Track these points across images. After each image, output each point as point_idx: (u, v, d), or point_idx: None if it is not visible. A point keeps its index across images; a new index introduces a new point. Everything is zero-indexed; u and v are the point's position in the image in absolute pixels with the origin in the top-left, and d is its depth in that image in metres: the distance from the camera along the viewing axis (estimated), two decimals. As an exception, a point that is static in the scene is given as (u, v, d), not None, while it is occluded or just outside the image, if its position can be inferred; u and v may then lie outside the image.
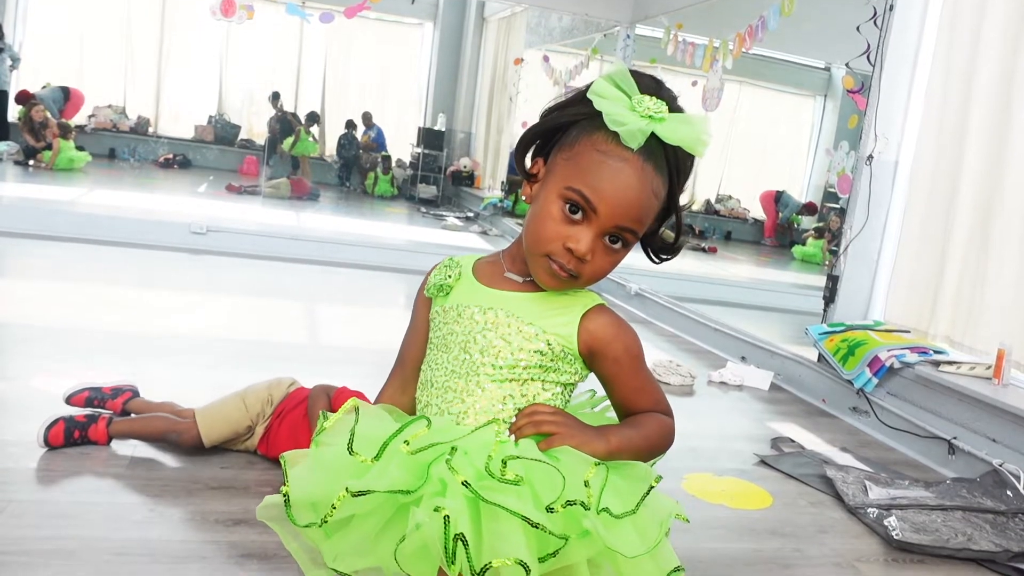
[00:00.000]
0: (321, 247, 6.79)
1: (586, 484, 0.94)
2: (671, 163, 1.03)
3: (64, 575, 1.81)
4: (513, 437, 1.03)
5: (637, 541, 0.96)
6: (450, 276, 1.13)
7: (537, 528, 0.90)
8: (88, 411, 2.58)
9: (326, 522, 0.96)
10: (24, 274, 5.00)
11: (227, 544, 2.05)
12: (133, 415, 2.70)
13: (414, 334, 1.18)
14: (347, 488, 0.94)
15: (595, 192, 1.00)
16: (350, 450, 0.98)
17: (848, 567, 2.40)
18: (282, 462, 1.04)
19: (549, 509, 0.91)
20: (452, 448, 0.96)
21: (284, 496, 1.00)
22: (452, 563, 0.90)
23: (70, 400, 2.71)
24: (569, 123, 1.04)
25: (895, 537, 2.55)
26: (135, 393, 2.78)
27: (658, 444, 1.09)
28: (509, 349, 1.05)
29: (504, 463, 0.93)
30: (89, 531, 2.03)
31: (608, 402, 1.14)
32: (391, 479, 0.95)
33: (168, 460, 2.48)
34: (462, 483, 0.92)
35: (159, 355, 3.52)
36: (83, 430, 2.47)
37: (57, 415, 2.48)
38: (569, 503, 0.92)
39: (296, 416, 2.54)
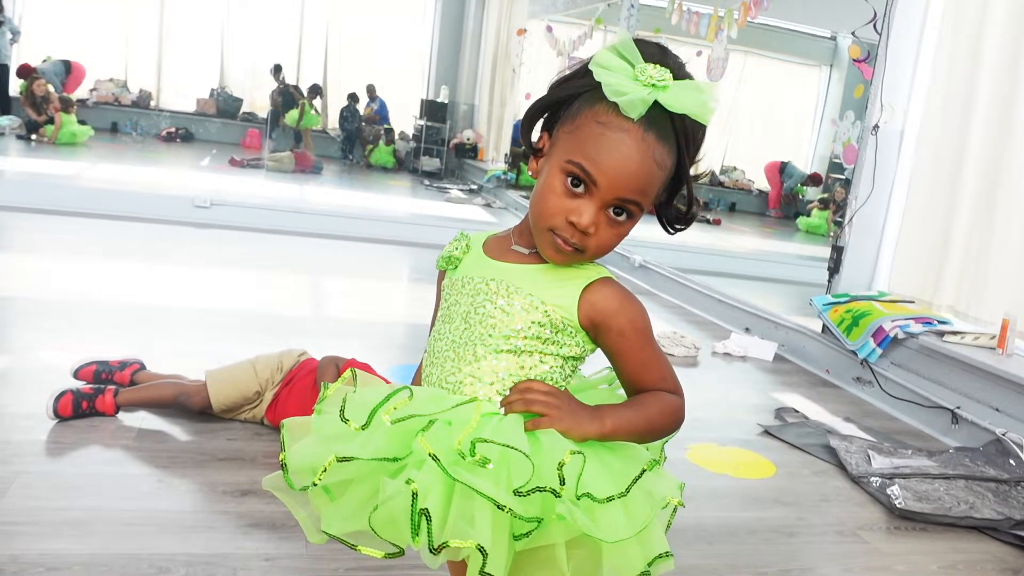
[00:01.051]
0: (325, 220, 6.79)
1: (559, 470, 0.93)
2: (679, 132, 1.01)
3: (75, 545, 1.83)
4: (503, 411, 1.02)
5: (624, 524, 0.96)
6: (458, 248, 1.13)
7: (503, 511, 0.91)
8: (96, 384, 2.60)
9: (315, 485, 0.98)
10: (29, 248, 5.01)
11: (235, 514, 2.07)
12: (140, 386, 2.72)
13: (436, 308, 1.19)
14: (335, 454, 0.96)
15: (595, 164, 0.99)
16: (342, 417, 0.99)
17: (851, 535, 2.42)
18: (281, 428, 1.06)
19: (517, 493, 0.92)
20: (430, 421, 0.97)
21: (282, 462, 1.02)
22: (416, 536, 0.92)
23: (78, 374, 2.73)
24: (572, 96, 1.03)
25: (898, 506, 2.57)
26: (142, 366, 2.80)
27: (662, 424, 1.07)
28: (507, 320, 1.05)
29: (473, 444, 0.93)
30: (99, 502, 2.05)
31: (602, 373, 1.13)
32: (374, 447, 0.96)
33: (176, 432, 2.50)
34: (431, 456, 0.93)
35: (165, 328, 3.53)
36: (91, 401, 2.50)
37: (65, 387, 2.50)
38: (538, 489, 0.92)
39: (305, 385, 2.56)
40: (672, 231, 1.11)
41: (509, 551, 0.94)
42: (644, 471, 0.99)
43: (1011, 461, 2.97)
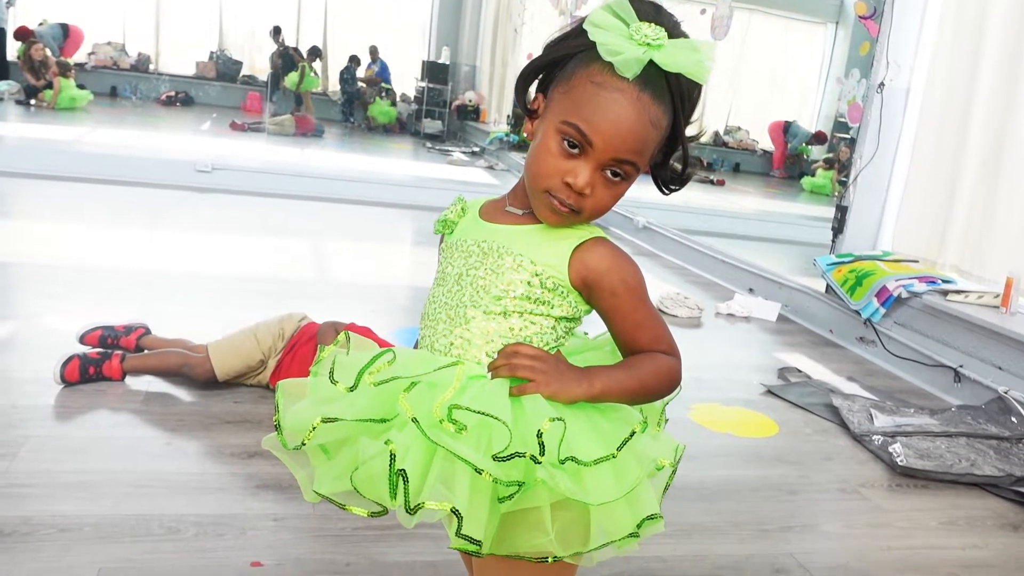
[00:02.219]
0: (327, 184, 6.77)
1: (539, 436, 0.93)
2: (674, 91, 1.00)
3: (86, 507, 1.86)
4: (490, 375, 1.01)
5: (612, 486, 0.96)
6: (453, 212, 1.13)
7: (481, 474, 0.92)
8: (102, 349, 2.61)
9: (304, 445, 1.00)
10: (31, 214, 5.00)
11: (243, 476, 2.10)
12: (147, 351, 2.74)
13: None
14: (321, 415, 0.98)
15: (590, 125, 0.98)
16: (331, 379, 1.01)
17: (853, 492, 2.44)
18: (276, 390, 1.07)
19: (496, 458, 0.92)
20: (412, 382, 0.97)
21: (276, 422, 1.04)
22: (394, 496, 0.93)
23: (83, 339, 2.74)
24: (567, 56, 1.02)
25: (899, 463, 2.59)
26: (147, 330, 2.81)
27: (655, 386, 1.05)
28: (497, 281, 1.05)
29: (450, 410, 0.93)
30: (108, 464, 2.07)
31: (607, 334, 1.12)
32: (358, 408, 0.98)
33: (183, 395, 2.52)
34: (412, 419, 0.94)
35: (169, 293, 3.54)
36: (98, 367, 2.51)
37: (72, 352, 2.52)
38: (517, 455, 0.92)
39: (307, 351, 2.57)
40: (667, 191, 1.10)
41: (492, 514, 0.94)
42: (634, 433, 0.99)
43: (1013, 419, 2.98)
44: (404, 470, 0.92)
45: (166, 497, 1.95)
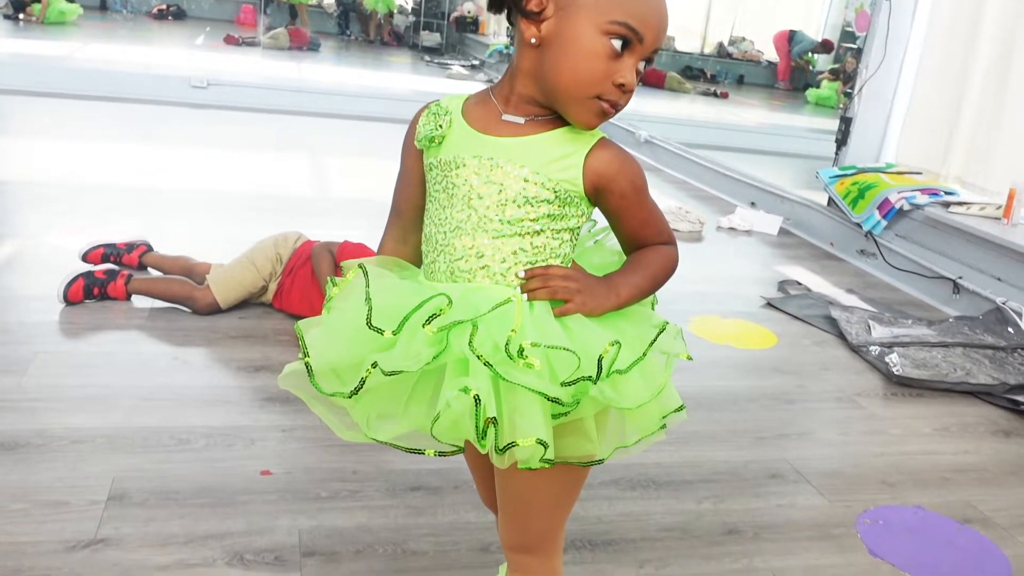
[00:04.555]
0: (324, 99, 6.67)
1: (599, 361, 0.95)
2: None
3: (97, 420, 1.90)
4: (526, 297, 1.01)
5: (643, 387, 0.99)
6: (440, 126, 1.06)
7: (554, 402, 0.94)
8: (106, 267, 2.62)
9: (356, 393, 0.97)
10: (25, 132, 4.95)
11: (250, 389, 2.14)
12: (151, 271, 2.75)
13: (406, 183, 1.13)
14: (378, 365, 0.94)
15: (642, 21, 0.95)
16: (370, 325, 0.96)
17: (848, 401, 2.49)
18: (298, 332, 1.03)
19: (564, 384, 0.94)
20: (474, 325, 0.95)
21: (306, 366, 1.00)
22: (482, 440, 0.93)
23: (86, 257, 2.75)
24: None
25: (895, 373, 2.63)
26: (149, 247, 2.82)
27: (664, 279, 1.09)
28: (516, 202, 1.01)
29: (522, 349, 0.93)
30: (116, 379, 2.11)
31: (609, 232, 1.12)
32: (420, 357, 0.95)
33: (188, 312, 2.54)
34: (484, 363, 0.93)
35: (169, 210, 3.53)
36: (102, 287, 2.52)
37: (76, 272, 2.52)
38: (582, 379, 0.94)
39: (305, 273, 2.56)
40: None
41: (551, 433, 0.97)
42: (659, 333, 1.02)
43: (1009, 329, 3.02)
44: (494, 417, 0.92)
45: (175, 409, 1.99)
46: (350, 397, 0.98)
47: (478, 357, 0.93)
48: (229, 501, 1.66)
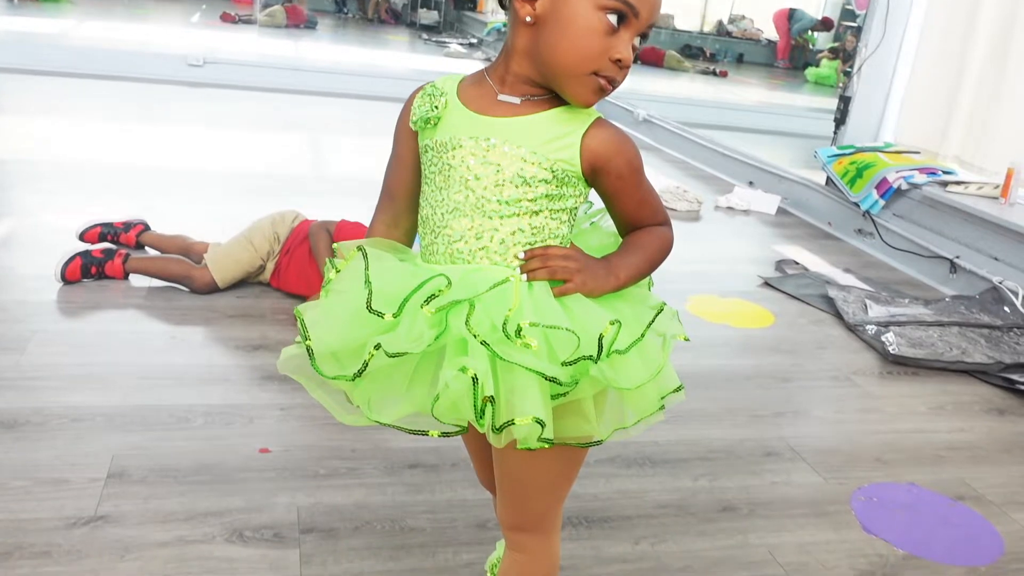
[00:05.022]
0: (321, 77, 6.63)
1: (600, 340, 0.95)
2: None
3: (96, 398, 1.91)
4: (525, 277, 1.01)
5: (641, 368, 0.99)
6: (436, 107, 1.05)
7: (552, 381, 0.94)
8: (104, 246, 2.62)
9: (359, 375, 0.97)
10: (21, 110, 4.92)
11: (248, 367, 2.14)
12: (149, 250, 2.75)
13: (400, 165, 1.12)
14: (381, 347, 0.94)
15: None
16: (370, 309, 0.96)
17: (844, 380, 2.50)
18: (298, 316, 1.02)
19: (564, 364, 0.94)
20: (471, 304, 0.95)
21: (307, 349, 1.00)
22: (481, 419, 0.94)
23: (83, 236, 2.75)
24: None
25: (891, 352, 2.64)
26: (146, 226, 2.82)
27: (660, 260, 1.09)
28: (514, 182, 1.00)
29: (519, 328, 0.93)
30: (115, 357, 2.11)
31: (605, 213, 1.12)
32: (422, 338, 0.95)
33: (185, 291, 2.54)
34: (482, 343, 0.93)
35: (165, 189, 3.52)
36: (100, 266, 2.52)
37: (74, 251, 2.52)
38: (582, 359, 0.94)
39: (303, 252, 2.57)
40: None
41: (548, 410, 0.97)
42: (657, 315, 1.02)
43: (1006, 308, 3.03)
44: (491, 396, 0.93)
45: (174, 388, 2.00)
46: (352, 380, 0.98)
47: (475, 336, 0.93)
48: (228, 478, 1.68)
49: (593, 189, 1.06)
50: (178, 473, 1.67)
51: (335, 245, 1.08)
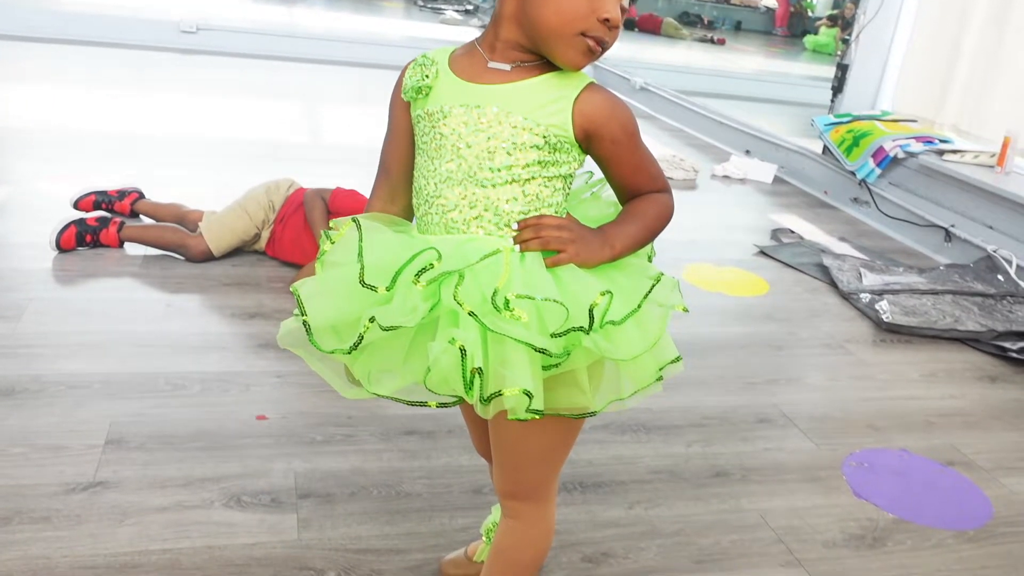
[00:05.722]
0: (316, 45, 6.58)
1: (591, 311, 0.95)
2: None
3: (93, 365, 1.91)
4: (518, 248, 1.00)
5: (638, 339, 0.99)
6: (427, 76, 1.04)
7: (542, 352, 0.94)
8: (98, 214, 2.61)
9: (355, 348, 0.97)
10: (12, 77, 4.88)
11: (244, 335, 2.15)
12: (143, 219, 2.74)
13: (395, 139, 1.11)
14: (375, 320, 0.95)
15: None
16: (363, 283, 0.96)
17: (838, 347, 2.51)
18: (294, 293, 1.02)
19: (553, 335, 0.94)
20: (460, 275, 0.95)
21: (304, 324, 1.00)
22: (469, 390, 0.94)
23: (78, 204, 2.74)
24: None
25: (885, 320, 2.65)
26: (141, 195, 2.81)
27: (659, 228, 1.08)
28: (505, 149, 1.00)
29: (507, 301, 0.93)
30: (111, 326, 2.12)
31: (605, 183, 1.11)
32: (416, 311, 0.95)
33: (181, 259, 2.54)
34: (469, 313, 0.93)
35: (159, 157, 3.51)
36: (95, 234, 2.52)
37: (68, 219, 2.52)
38: (572, 329, 0.94)
39: (298, 220, 2.56)
40: None
41: (539, 381, 0.97)
42: (654, 285, 1.01)
43: (999, 277, 3.04)
44: (479, 368, 0.93)
45: (170, 356, 2.00)
46: (349, 353, 0.98)
47: (462, 307, 0.93)
48: (225, 445, 1.69)
49: (589, 156, 1.06)
50: (176, 440, 1.69)
51: (333, 222, 1.07)
